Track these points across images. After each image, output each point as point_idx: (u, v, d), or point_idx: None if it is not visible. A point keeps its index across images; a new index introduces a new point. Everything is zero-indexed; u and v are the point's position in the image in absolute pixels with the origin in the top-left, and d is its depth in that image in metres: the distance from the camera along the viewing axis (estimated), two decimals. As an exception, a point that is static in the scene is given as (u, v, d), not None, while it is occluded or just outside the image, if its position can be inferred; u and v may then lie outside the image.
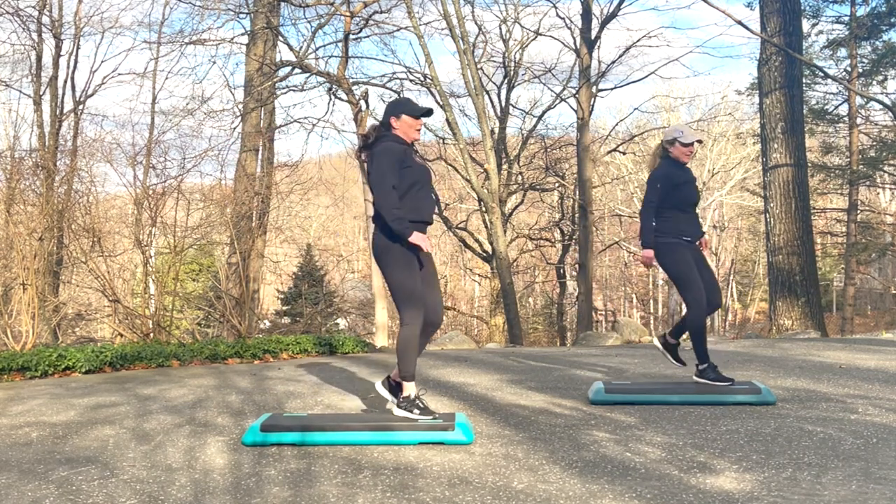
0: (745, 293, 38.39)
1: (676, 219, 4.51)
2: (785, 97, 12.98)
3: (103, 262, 8.23)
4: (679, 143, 4.57)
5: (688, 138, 4.56)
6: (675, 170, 4.58)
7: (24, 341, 7.19)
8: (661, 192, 4.48)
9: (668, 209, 4.51)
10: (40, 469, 3.28)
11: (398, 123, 3.84)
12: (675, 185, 4.52)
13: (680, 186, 4.53)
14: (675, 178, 4.53)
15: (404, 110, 3.84)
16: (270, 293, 21.97)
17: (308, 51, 14.27)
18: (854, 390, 4.64)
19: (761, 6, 13.62)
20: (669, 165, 4.60)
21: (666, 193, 4.49)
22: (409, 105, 3.88)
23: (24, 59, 15.95)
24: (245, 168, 13.59)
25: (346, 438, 3.57)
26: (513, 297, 13.34)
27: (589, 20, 17.01)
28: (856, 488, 2.76)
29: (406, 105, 3.88)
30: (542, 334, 28.85)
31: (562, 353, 7.66)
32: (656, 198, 4.49)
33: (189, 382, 5.67)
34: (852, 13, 20.13)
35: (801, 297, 12.58)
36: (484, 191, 14.06)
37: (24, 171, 9.05)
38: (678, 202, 4.52)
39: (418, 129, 3.87)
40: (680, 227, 4.51)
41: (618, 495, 2.76)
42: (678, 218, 4.52)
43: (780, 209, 12.82)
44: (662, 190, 4.48)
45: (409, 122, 3.83)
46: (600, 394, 4.43)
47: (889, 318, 29.62)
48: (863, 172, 20.31)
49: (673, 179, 4.53)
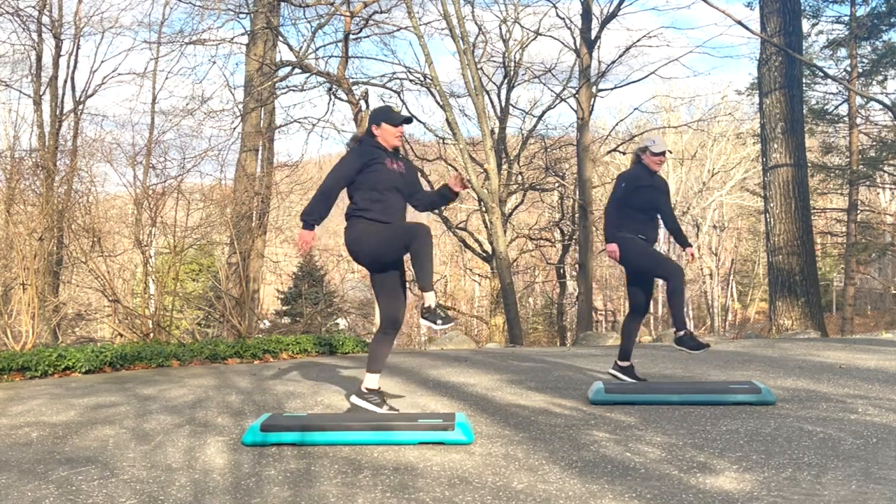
0: (745, 293, 38.38)
1: (634, 218, 4.75)
2: (785, 97, 12.98)
3: (103, 262, 8.23)
4: (650, 152, 4.83)
5: (658, 148, 4.82)
6: (644, 174, 4.82)
7: (24, 341, 7.19)
8: (626, 190, 4.74)
9: (631, 209, 4.75)
10: (40, 469, 3.28)
11: (379, 131, 4.04)
12: (639, 186, 4.76)
13: (644, 189, 4.76)
14: (640, 181, 4.77)
15: (384, 119, 4.05)
16: (270, 293, 21.96)
17: (308, 51, 14.29)
18: (854, 390, 4.64)
19: (761, 6, 13.63)
20: (640, 169, 4.85)
21: (630, 193, 4.74)
22: (389, 114, 4.08)
23: (24, 59, 15.96)
24: (245, 168, 13.58)
25: (346, 438, 3.57)
26: (513, 297, 13.34)
27: (589, 20, 17.02)
28: (856, 488, 2.76)
29: (386, 114, 4.09)
30: (542, 334, 28.85)
31: (562, 353, 7.66)
32: (620, 195, 4.76)
33: (189, 382, 5.67)
34: (852, 13, 20.13)
35: (801, 297, 12.58)
36: (484, 191, 14.06)
37: (24, 171, 9.06)
38: (640, 204, 4.76)
39: (398, 136, 4.07)
40: (637, 227, 4.75)
41: (618, 495, 2.76)
42: (637, 218, 4.75)
43: (780, 209, 12.82)
44: (627, 188, 4.75)
45: (389, 130, 4.03)
46: (600, 394, 4.43)
47: (889, 318, 29.63)
48: (863, 172, 20.31)
49: (638, 182, 4.77)
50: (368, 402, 3.99)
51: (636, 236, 4.73)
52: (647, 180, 4.78)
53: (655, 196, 4.79)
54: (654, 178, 4.84)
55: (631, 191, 4.73)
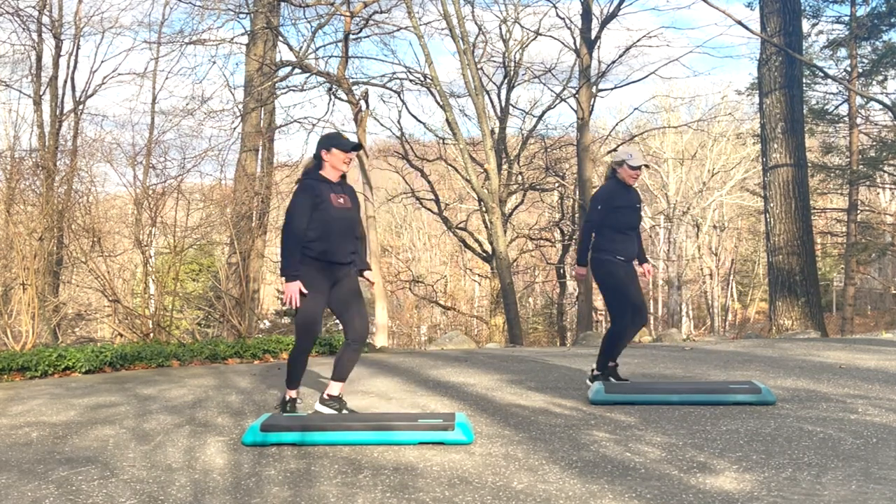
0: (745, 293, 38.35)
1: (613, 238, 4.69)
2: (785, 97, 12.98)
3: (103, 262, 8.23)
4: (627, 166, 4.73)
5: (636, 161, 4.74)
6: (619, 191, 4.75)
7: (24, 341, 7.19)
8: (601, 213, 4.68)
9: (607, 229, 4.70)
10: (40, 469, 3.28)
11: (328, 156, 3.99)
12: (616, 207, 4.70)
13: (620, 209, 4.71)
14: (616, 201, 4.71)
15: (334, 144, 4.00)
16: (270, 293, 21.95)
17: (308, 51, 14.28)
18: (854, 390, 4.64)
19: (761, 6, 13.62)
20: (614, 185, 4.77)
21: (606, 214, 4.68)
22: (339, 140, 4.05)
23: (24, 59, 15.94)
24: (245, 168, 13.57)
25: (346, 438, 3.57)
26: (513, 297, 13.33)
27: (589, 20, 17.01)
28: (856, 488, 2.76)
29: (336, 139, 4.05)
30: (542, 334, 28.84)
31: (562, 353, 7.66)
32: (596, 217, 4.71)
33: (189, 382, 5.67)
34: (852, 13, 20.11)
35: (801, 297, 12.58)
36: (484, 191, 14.06)
37: (24, 171, 9.05)
38: (616, 224, 4.70)
39: (347, 162, 4.02)
40: (615, 247, 4.69)
41: (618, 495, 2.76)
42: (614, 238, 4.70)
43: (780, 209, 12.81)
44: (602, 212, 4.68)
45: (338, 156, 3.98)
46: (600, 394, 4.43)
47: (889, 318, 29.62)
48: (863, 172, 20.29)
49: (614, 201, 4.71)
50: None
51: (613, 257, 4.67)
52: (624, 199, 4.71)
53: (631, 215, 4.74)
54: (630, 193, 4.77)
55: (608, 212, 4.67)
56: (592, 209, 4.76)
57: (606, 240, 4.67)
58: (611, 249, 4.67)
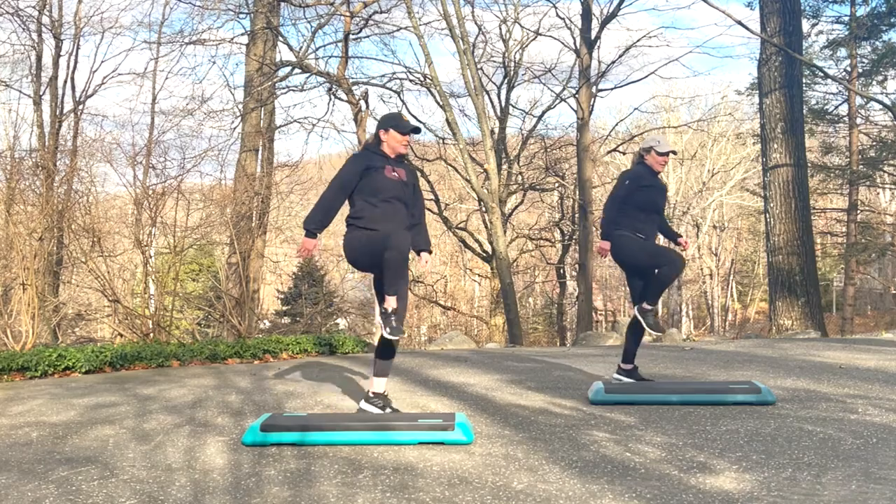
0: (745, 293, 38.37)
1: (636, 217, 4.67)
2: (785, 97, 12.98)
3: (103, 262, 8.23)
4: (655, 152, 4.74)
5: (663, 148, 4.74)
6: (647, 174, 4.75)
7: (23, 341, 7.18)
8: (628, 189, 4.66)
9: (632, 208, 4.67)
10: (40, 469, 3.28)
11: (386, 136, 4.00)
12: (642, 186, 4.69)
13: (646, 189, 4.69)
14: (643, 180, 4.70)
15: (393, 125, 4.00)
16: (270, 293, 21.95)
17: (308, 51, 14.28)
18: (854, 390, 4.64)
19: (761, 6, 13.63)
20: (643, 169, 4.78)
21: (632, 192, 4.66)
22: (399, 120, 4.03)
23: (24, 60, 15.94)
24: (245, 168, 13.57)
25: (345, 438, 3.57)
26: (513, 297, 13.33)
27: (589, 20, 17.02)
28: (856, 488, 2.76)
29: (395, 120, 4.03)
30: (542, 334, 28.86)
31: (562, 353, 7.66)
32: (623, 193, 4.68)
33: (189, 382, 5.67)
34: (852, 13, 20.12)
35: (801, 297, 12.58)
36: (484, 191, 14.06)
37: (24, 171, 9.05)
38: (642, 203, 4.68)
39: (405, 144, 4.01)
40: (637, 225, 4.66)
41: (618, 495, 2.76)
42: (638, 216, 4.67)
43: (780, 209, 12.82)
44: (630, 187, 4.67)
45: (396, 137, 3.98)
46: (600, 394, 4.43)
47: (889, 318, 29.62)
48: (863, 172, 20.30)
49: (641, 181, 4.70)
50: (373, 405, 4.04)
51: (634, 234, 4.66)
52: (650, 180, 4.73)
53: (657, 196, 4.74)
54: (655, 178, 4.79)
55: (634, 189, 4.66)
56: (620, 185, 4.74)
57: (629, 217, 4.65)
58: (631, 227, 4.64)
